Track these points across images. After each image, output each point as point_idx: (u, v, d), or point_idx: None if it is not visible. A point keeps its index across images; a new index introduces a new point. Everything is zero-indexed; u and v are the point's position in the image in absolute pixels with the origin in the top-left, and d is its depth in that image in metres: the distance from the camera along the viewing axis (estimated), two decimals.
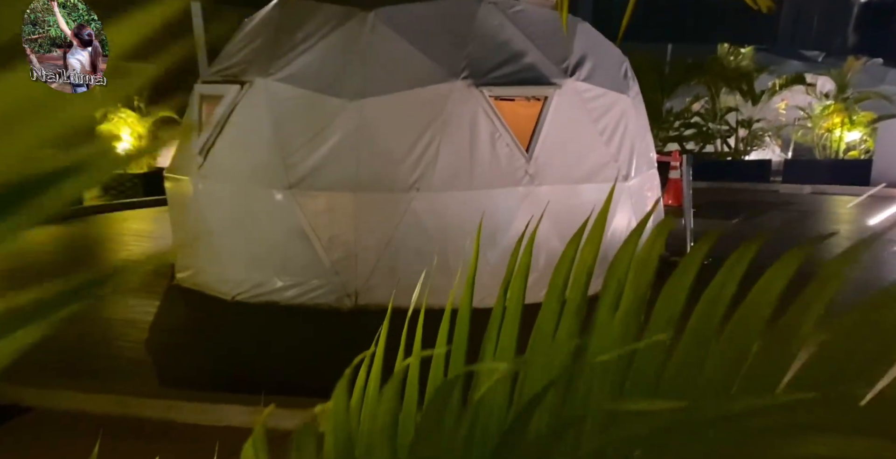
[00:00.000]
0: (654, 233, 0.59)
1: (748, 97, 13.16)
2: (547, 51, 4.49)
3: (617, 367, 0.48)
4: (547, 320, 0.55)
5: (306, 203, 4.14)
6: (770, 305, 0.47)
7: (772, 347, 0.43)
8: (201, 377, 3.36)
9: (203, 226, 4.52)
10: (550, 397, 0.48)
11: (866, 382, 0.38)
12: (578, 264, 0.60)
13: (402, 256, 4.10)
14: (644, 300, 0.53)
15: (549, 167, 4.23)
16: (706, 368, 0.44)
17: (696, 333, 0.47)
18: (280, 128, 4.23)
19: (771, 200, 10.68)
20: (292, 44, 4.39)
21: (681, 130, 12.47)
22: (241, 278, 4.32)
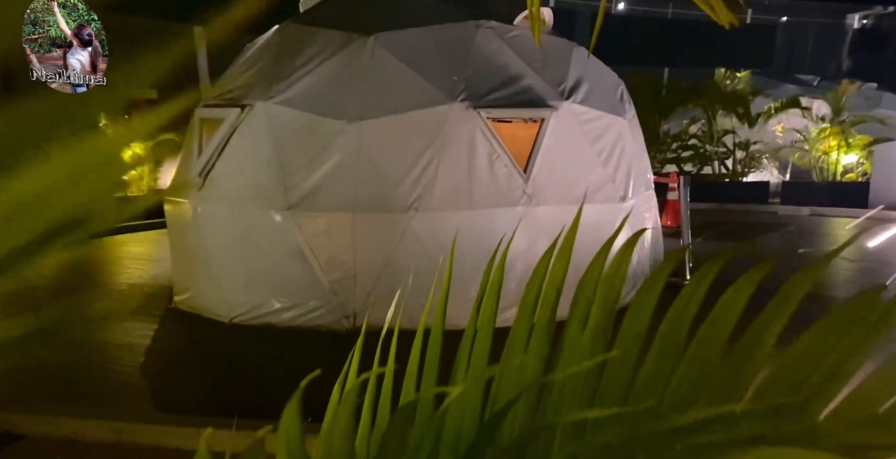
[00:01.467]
0: (621, 251, 0.60)
1: (744, 120, 13.32)
2: (543, 74, 4.56)
3: (585, 383, 0.48)
4: (518, 337, 0.55)
5: (305, 224, 4.15)
6: (732, 321, 0.47)
7: (735, 362, 0.43)
8: (197, 401, 3.32)
9: (202, 248, 4.52)
10: (520, 414, 0.48)
11: (825, 397, 0.38)
12: (548, 282, 0.61)
13: (400, 276, 4.10)
14: (611, 317, 0.53)
15: (547, 188, 4.25)
16: (672, 384, 0.44)
17: (661, 349, 0.47)
18: (280, 150, 4.27)
19: (769, 221, 10.70)
20: (292, 68, 4.46)
21: (678, 151, 12.58)
22: (238, 301, 4.30)
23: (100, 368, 3.69)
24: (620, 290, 0.56)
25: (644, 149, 5.53)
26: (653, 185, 5.48)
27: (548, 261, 0.61)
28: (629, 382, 0.46)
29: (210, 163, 4.46)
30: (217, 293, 4.41)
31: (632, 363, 0.48)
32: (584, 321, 0.52)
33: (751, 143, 13.37)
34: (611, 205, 4.54)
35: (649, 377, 0.46)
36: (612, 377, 0.47)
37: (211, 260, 4.45)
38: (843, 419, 0.36)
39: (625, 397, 0.46)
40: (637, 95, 12.44)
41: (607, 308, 0.52)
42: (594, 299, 0.54)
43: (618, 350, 0.48)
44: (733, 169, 13.53)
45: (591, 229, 4.45)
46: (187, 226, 4.64)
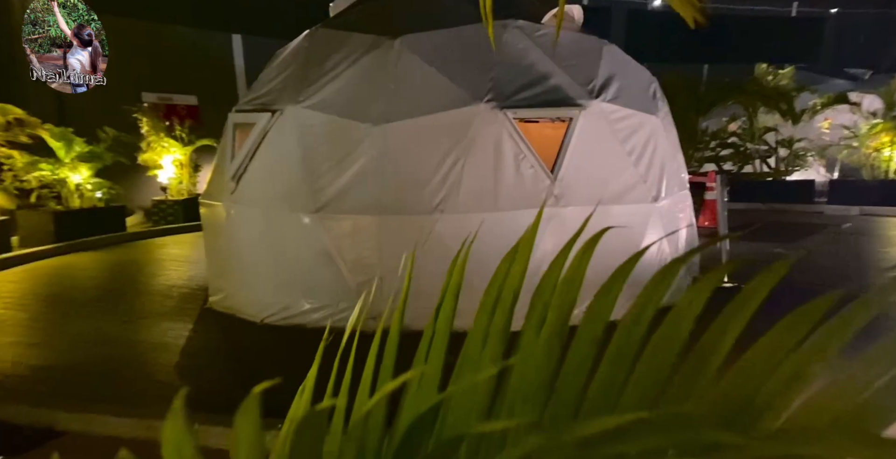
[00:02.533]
0: (580, 253, 0.58)
1: (788, 117, 12.85)
2: (572, 73, 4.50)
3: (539, 390, 0.46)
4: (474, 342, 0.53)
5: (332, 226, 4.19)
6: (688, 326, 0.45)
7: (690, 367, 0.40)
8: (229, 401, 3.38)
9: (234, 250, 4.63)
10: (473, 421, 0.46)
11: (780, 405, 0.35)
12: (506, 286, 0.59)
13: (425, 278, 4.09)
14: (566, 322, 0.51)
15: (576, 188, 4.18)
16: (627, 390, 0.42)
17: (616, 354, 0.44)
18: (308, 153, 4.33)
19: (815, 221, 10.28)
20: (321, 72, 4.52)
21: (717, 150, 12.22)
22: (269, 301, 4.38)
23: (137, 367, 3.81)
24: (577, 294, 0.54)
25: (678, 148, 5.39)
26: (687, 185, 5.33)
27: (507, 265, 0.59)
28: (583, 388, 0.44)
29: (242, 167, 4.56)
30: (249, 293, 4.50)
31: (587, 369, 0.45)
32: (539, 327, 0.50)
33: (795, 140, 12.87)
34: (642, 206, 4.43)
35: (604, 383, 0.43)
36: (567, 382, 0.45)
37: (243, 262, 4.55)
38: (799, 428, 0.33)
39: (578, 404, 0.43)
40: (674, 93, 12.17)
41: (563, 313, 0.50)
42: (551, 303, 0.52)
43: (574, 356, 0.45)
44: (776, 168, 13.06)
45: (622, 230, 4.40)
46: (221, 228, 4.76)
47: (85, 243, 8.00)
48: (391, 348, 0.65)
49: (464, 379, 0.51)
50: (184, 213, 9.59)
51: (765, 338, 0.40)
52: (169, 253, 7.87)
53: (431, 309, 3.24)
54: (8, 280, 6.25)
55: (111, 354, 3.98)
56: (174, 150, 9.81)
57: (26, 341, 4.25)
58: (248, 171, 4.56)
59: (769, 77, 14.29)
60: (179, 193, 10.07)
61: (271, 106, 4.59)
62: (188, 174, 10.12)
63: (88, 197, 8.35)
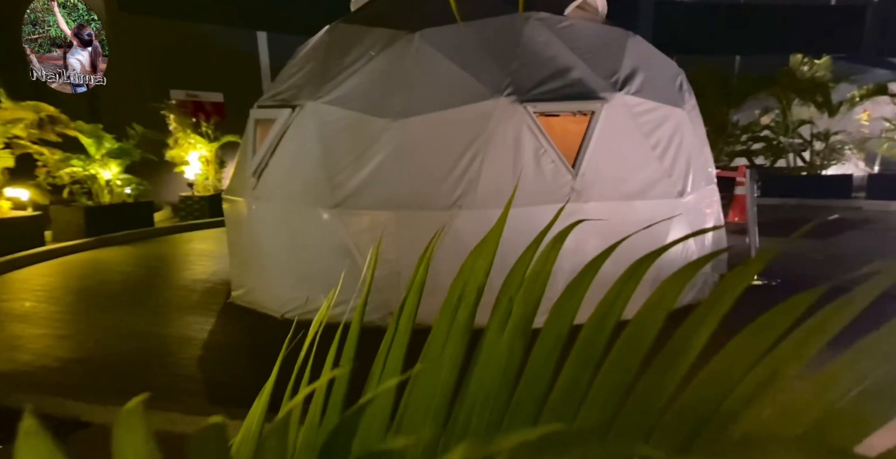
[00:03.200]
0: (548, 248, 0.55)
1: (824, 109, 12.43)
2: (595, 65, 4.41)
3: (499, 392, 0.42)
4: (436, 341, 0.50)
5: (350, 222, 4.21)
6: (655, 327, 0.41)
7: (656, 372, 0.37)
8: (249, 395, 3.41)
9: (255, 245, 4.68)
10: (428, 426, 0.43)
11: (750, 411, 0.31)
12: (470, 281, 0.56)
13: (443, 274, 4.07)
14: (531, 319, 0.48)
15: (598, 183, 4.11)
16: (591, 394, 0.39)
17: (580, 357, 0.41)
18: (327, 149, 4.35)
19: (853, 217, 9.93)
20: (340, 67, 4.53)
21: (749, 143, 11.90)
22: (289, 296, 4.42)
23: (159, 361, 3.89)
24: (543, 290, 0.51)
25: (705, 141, 5.26)
26: (715, 179, 5.20)
27: (473, 261, 0.56)
28: (546, 390, 0.41)
29: (263, 162, 4.60)
30: (270, 288, 4.55)
31: (549, 371, 0.42)
32: (504, 324, 0.47)
33: (831, 133, 12.45)
34: (667, 201, 4.33)
35: (567, 387, 0.40)
36: (528, 385, 0.42)
37: (264, 257, 4.60)
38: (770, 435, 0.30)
39: (539, 408, 0.40)
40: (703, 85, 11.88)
41: (528, 310, 0.47)
42: (516, 299, 0.49)
43: (537, 357, 0.42)
44: (811, 162, 12.66)
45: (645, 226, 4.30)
46: (242, 224, 4.82)
47: (114, 238, 8.21)
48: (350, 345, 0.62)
49: (421, 381, 0.48)
50: (210, 209, 9.76)
51: (736, 339, 0.37)
52: (194, 248, 8.02)
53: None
54: (41, 274, 6.45)
55: (137, 347, 4.06)
56: (200, 146, 9.98)
57: (56, 333, 4.37)
58: (269, 166, 4.60)
59: (804, 68, 13.84)
60: (206, 189, 10.25)
61: (292, 102, 4.62)
62: (214, 170, 10.29)
63: (118, 193, 8.55)
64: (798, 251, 7.13)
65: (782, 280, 5.40)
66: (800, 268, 5.97)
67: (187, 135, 9.79)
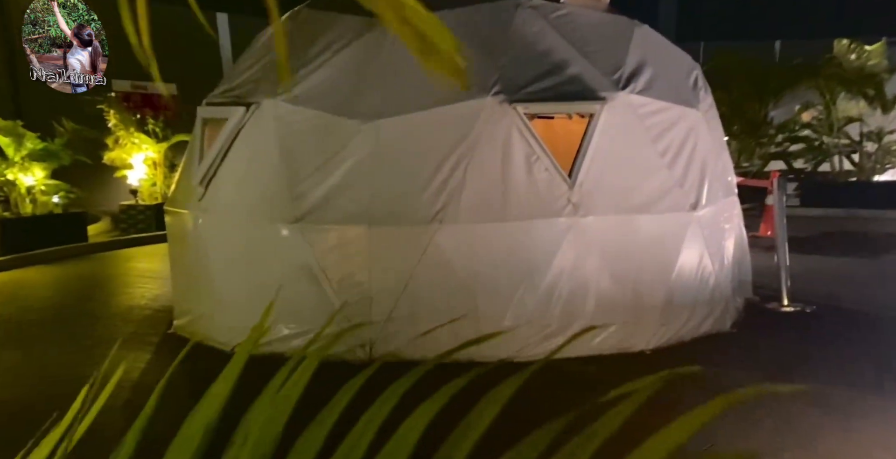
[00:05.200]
0: (299, 373, 0.68)
1: (876, 104, 12.68)
2: (595, 60, 4.58)
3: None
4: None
5: (315, 239, 4.32)
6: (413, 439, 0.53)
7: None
8: None
9: (202, 266, 4.78)
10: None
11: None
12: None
13: (423, 299, 4.21)
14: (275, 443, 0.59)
15: (598, 195, 4.26)
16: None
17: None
18: (288, 154, 4.47)
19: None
20: (304, 60, 4.66)
21: (785, 144, 12.14)
22: (242, 326, 4.47)
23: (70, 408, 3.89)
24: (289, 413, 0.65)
25: (724, 146, 5.43)
26: (735, 189, 5.36)
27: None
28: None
29: (212, 169, 4.72)
30: (219, 317, 4.65)
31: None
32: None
33: (885, 133, 12.70)
34: (678, 215, 4.49)
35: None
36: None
37: (212, 280, 4.70)
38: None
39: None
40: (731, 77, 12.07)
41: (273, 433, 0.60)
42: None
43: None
44: (860, 165, 12.90)
45: (654, 244, 4.46)
46: (187, 241, 4.93)
47: (37, 255, 8.26)
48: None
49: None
50: (156, 220, 9.84)
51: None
52: (135, 268, 8.10)
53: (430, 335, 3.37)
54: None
55: (49, 390, 3.99)
56: (146, 147, 10.08)
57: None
58: (219, 174, 4.72)
59: (852, 56, 14.10)
60: (152, 196, 10.35)
61: (246, 99, 4.75)
62: (163, 175, 10.39)
63: (43, 202, 8.61)
64: (843, 270, 7.29)
65: (819, 306, 5.53)
66: (842, 291, 6.12)
67: (131, 133, 9.89)
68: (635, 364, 4.28)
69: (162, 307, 5.88)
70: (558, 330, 4.26)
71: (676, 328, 4.57)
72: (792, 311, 5.47)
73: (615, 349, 4.35)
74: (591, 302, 4.27)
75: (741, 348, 4.61)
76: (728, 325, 4.92)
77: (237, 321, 4.55)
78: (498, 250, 4.25)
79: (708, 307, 4.75)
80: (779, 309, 5.48)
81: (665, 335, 4.53)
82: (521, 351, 4.22)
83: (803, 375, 4.08)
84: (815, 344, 4.68)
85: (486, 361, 0.86)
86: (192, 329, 4.88)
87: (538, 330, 4.26)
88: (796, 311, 5.47)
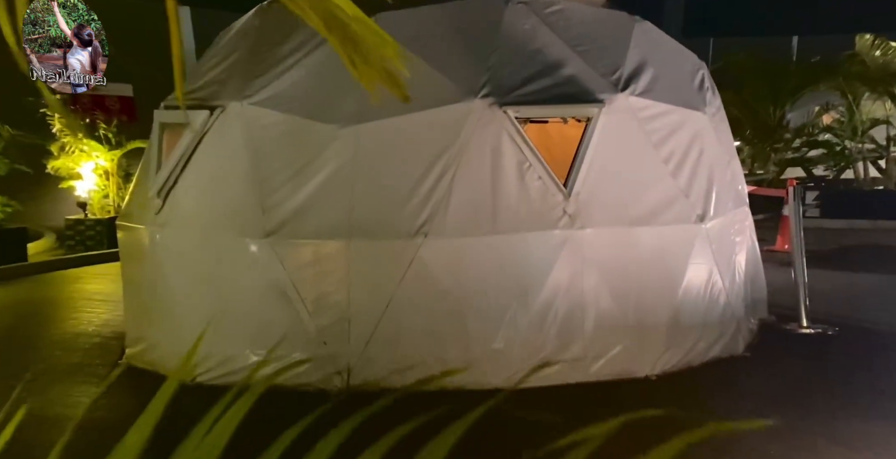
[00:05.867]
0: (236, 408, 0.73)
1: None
2: (592, 60, 4.74)
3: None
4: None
5: (288, 255, 4.40)
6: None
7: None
8: None
9: (160, 287, 4.82)
10: None
11: None
12: None
13: (407, 320, 4.29)
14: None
15: (596, 206, 4.39)
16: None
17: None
18: (258, 162, 4.56)
19: None
20: (275, 59, 4.77)
21: (803, 150, 12.38)
22: (204, 353, 4.52)
23: (13, 452, 3.85)
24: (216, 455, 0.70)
25: (734, 152, 5.60)
26: (747, 199, 5.52)
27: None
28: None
29: (171, 179, 4.79)
30: (177, 343, 4.64)
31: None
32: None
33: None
34: (684, 227, 4.62)
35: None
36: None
37: (171, 302, 4.75)
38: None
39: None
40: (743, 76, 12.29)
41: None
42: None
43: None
44: (888, 172, 13.17)
45: (658, 258, 4.59)
46: (143, 259, 4.98)
47: None
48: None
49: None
50: (108, 236, 9.82)
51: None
52: (83, 290, 8.10)
53: (412, 360, 3.51)
54: None
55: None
56: (97, 154, 10.09)
57: None
58: (179, 185, 4.78)
59: (876, 52, 14.39)
60: (104, 210, 10.33)
61: (211, 101, 4.83)
62: (116, 186, 10.38)
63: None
64: (869, 288, 7.43)
65: (842, 328, 5.61)
66: (868, 310, 6.24)
67: (79, 140, 9.90)
68: (636, 393, 4.34)
69: (113, 334, 5.85)
70: (553, 353, 4.36)
71: (683, 351, 4.68)
72: (812, 333, 5.55)
73: (615, 375, 4.45)
74: (589, 323, 4.38)
75: (755, 374, 4.71)
76: (741, 348, 5.03)
77: (199, 349, 4.61)
78: (487, 266, 4.35)
79: (718, 329, 4.87)
80: (797, 331, 5.57)
81: (671, 360, 4.63)
82: (513, 378, 4.30)
83: (823, 404, 4.15)
84: (838, 371, 4.76)
85: (476, 389, 0.87)
86: (147, 358, 4.89)
87: (532, 354, 4.35)
88: (817, 333, 5.54)
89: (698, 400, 4.30)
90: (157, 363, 4.80)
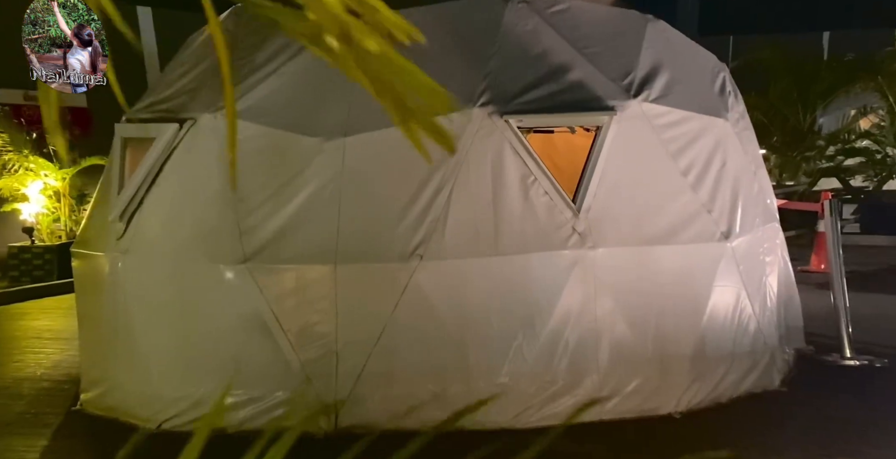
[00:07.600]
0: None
1: None
2: (601, 63, 4.86)
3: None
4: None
5: (268, 282, 4.44)
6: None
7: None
8: None
9: (122, 321, 4.81)
10: None
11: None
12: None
13: (401, 353, 4.35)
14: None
15: (608, 223, 4.49)
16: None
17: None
18: (234, 180, 4.61)
19: None
20: (251, 67, 4.84)
21: (839, 158, 12.45)
22: (172, 396, 4.53)
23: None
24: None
25: (760, 162, 5.69)
26: (777, 214, 5.61)
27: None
28: None
29: (135, 200, 4.83)
30: (141, 385, 4.67)
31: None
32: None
33: None
34: (707, 246, 4.71)
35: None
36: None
37: (134, 338, 4.74)
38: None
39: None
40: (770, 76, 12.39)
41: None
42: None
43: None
44: None
45: (678, 281, 4.67)
46: (102, 290, 4.98)
47: None
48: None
49: None
50: (59, 265, 9.82)
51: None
52: (30, 327, 8.06)
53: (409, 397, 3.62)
54: None
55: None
56: (46, 173, 10.12)
57: None
58: (144, 206, 4.82)
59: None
60: (54, 236, 10.33)
61: (180, 114, 4.91)
62: (69, 209, 10.39)
63: None
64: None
65: (890, 359, 5.57)
66: None
67: (24, 157, 9.94)
68: (659, 435, 4.34)
69: (65, 377, 5.80)
70: (565, 388, 4.41)
71: (711, 385, 4.71)
72: (857, 365, 5.52)
73: (635, 413, 4.49)
74: (603, 353, 4.43)
75: (794, 412, 4.70)
76: (776, 382, 5.05)
77: (165, 390, 4.57)
78: (490, 291, 4.42)
79: (750, 360, 4.91)
80: (839, 362, 5.54)
81: (698, 395, 4.67)
82: (521, 417, 4.36)
83: (871, 447, 4.14)
84: (887, 408, 4.74)
85: (478, 429, 0.91)
86: (106, 403, 4.86)
87: (541, 389, 4.40)
88: (862, 365, 5.52)
89: (731, 440, 4.29)
90: (117, 408, 4.79)
